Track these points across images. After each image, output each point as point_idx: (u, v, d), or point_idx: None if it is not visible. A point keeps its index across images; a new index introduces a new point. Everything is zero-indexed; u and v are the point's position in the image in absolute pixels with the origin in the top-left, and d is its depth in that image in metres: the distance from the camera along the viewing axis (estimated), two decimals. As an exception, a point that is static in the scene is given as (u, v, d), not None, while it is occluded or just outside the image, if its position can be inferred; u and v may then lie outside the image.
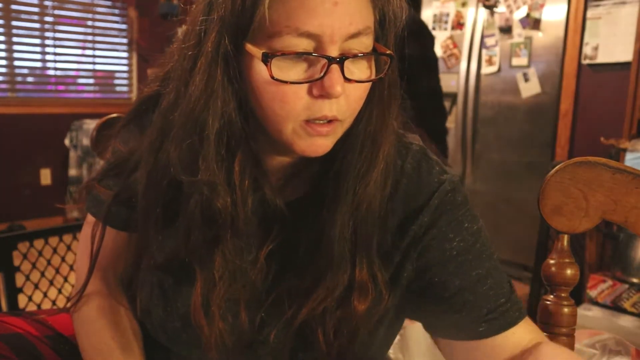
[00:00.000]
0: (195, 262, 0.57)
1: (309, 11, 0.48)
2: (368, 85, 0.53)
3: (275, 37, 0.48)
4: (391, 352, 0.76)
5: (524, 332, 0.57)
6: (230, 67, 0.51)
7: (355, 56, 0.50)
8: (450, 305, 0.57)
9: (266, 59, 0.48)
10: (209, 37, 0.50)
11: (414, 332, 0.83)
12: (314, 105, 0.51)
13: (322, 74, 0.49)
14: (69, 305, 0.70)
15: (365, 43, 0.51)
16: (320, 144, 0.53)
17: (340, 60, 0.49)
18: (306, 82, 0.50)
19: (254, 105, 0.53)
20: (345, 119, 0.53)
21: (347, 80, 0.50)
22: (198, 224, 0.55)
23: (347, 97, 0.51)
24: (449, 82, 3.14)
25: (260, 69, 0.50)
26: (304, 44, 0.49)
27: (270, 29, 0.48)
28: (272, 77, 0.49)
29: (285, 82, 0.49)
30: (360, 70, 0.52)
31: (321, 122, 0.51)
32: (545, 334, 0.58)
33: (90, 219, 0.71)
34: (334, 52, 0.49)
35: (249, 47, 0.50)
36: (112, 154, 0.68)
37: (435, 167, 0.60)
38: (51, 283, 1.17)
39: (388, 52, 0.53)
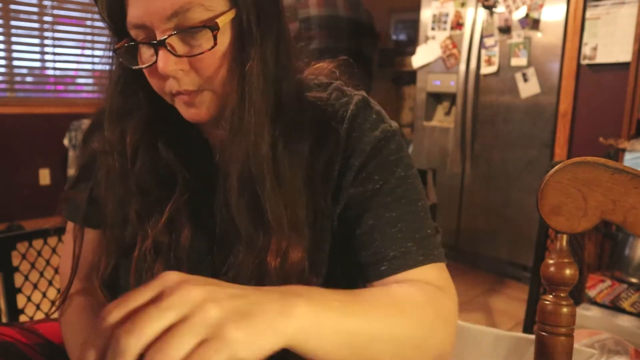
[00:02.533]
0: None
1: (132, 5, 0.55)
2: (215, 52, 0.55)
3: (129, 32, 0.57)
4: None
5: (428, 277, 0.58)
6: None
7: (173, 34, 0.54)
8: (361, 242, 0.60)
9: (114, 52, 0.59)
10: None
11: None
12: (169, 82, 0.57)
13: (155, 57, 0.55)
14: (52, 311, 0.71)
15: (194, 17, 0.54)
16: (194, 112, 0.59)
17: (160, 43, 0.54)
18: (148, 67, 0.56)
19: None
20: (209, 87, 0.57)
21: (179, 56, 0.55)
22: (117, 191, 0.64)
23: (196, 69, 0.56)
24: (448, 82, 3.14)
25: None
26: (140, 34, 0.56)
27: (125, 27, 0.56)
28: (128, 65, 0.58)
29: (137, 67, 0.58)
30: (197, 42, 0.55)
31: (183, 94, 0.57)
32: (544, 333, 0.58)
33: (69, 226, 0.72)
34: (159, 35, 0.54)
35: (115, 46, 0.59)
36: (76, 158, 0.71)
37: (373, 115, 0.63)
38: (50, 283, 1.16)
39: (209, 24, 0.54)
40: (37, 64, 3.56)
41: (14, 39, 3.41)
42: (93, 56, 3.79)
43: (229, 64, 0.56)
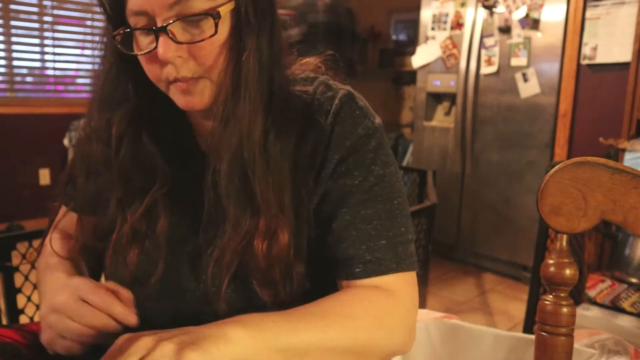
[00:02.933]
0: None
1: None
2: (214, 41, 0.57)
3: (128, 19, 0.58)
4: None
5: (394, 285, 0.61)
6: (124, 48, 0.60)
7: (175, 21, 0.55)
8: (337, 236, 0.62)
9: (114, 38, 0.59)
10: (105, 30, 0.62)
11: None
12: (166, 69, 0.58)
13: (155, 43, 0.56)
14: (35, 260, 0.76)
15: (196, 6, 0.56)
16: (190, 100, 0.60)
17: (161, 29, 0.55)
18: (146, 53, 0.57)
19: None
20: (206, 75, 0.58)
21: (179, 43, 0.56)
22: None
23: (195, 57, 0.57)
24: (448, 82, 3.14)
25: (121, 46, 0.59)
26: (140, 21, 0.57)
27: (124, 14, 0.57)
28: (125, 52, 0.59)
29: (135, 54, 0.59)
30: (198, 31, 0.57)
31: (180, 81, 0.58)
32: (544, 333, 0.58)
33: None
34: (160, 22, 0.56)
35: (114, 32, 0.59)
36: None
37: (356, 111, 0.64)
38: (50, 283, 1.16)
39: (212, 12, 0.56)
40: (37, 64, 3.56)
41: (14, 39, 3.41)
42: (93, 56, 3.77)
43: (226, 53, 0.58)
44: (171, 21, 0.55)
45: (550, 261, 0.58)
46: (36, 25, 3.49)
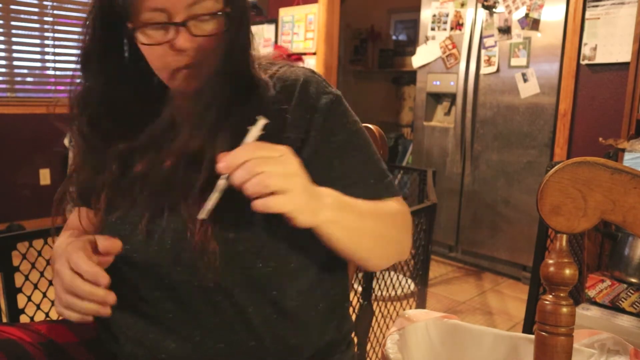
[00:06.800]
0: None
1: None
2: (218, 37, 0.69)
3: (140, 14, 0.66)
4: (391, 352, 0.76)
5: (396, 202, 0.77)
6: (112, 39, 0.72)
7: (194, 18, 0.67)
8: (343, 182, 0.73)
9: (132, 31, 0.67)
10: (94, 22, 0.72)
11: (414, 332, 0.84)
12: (179, 57, 0.68)
13: (174, 36, 0.67)
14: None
15: (206, 6, 0.67)
16: (191, 83, 0.70)
17: (184, 23, 0.66)
18: (164, 44, 0.67)
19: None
20: (202, 62, 0.69)
21: (195, 36, 0.67)
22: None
23: (199, 47, 0.68)
24: (448, 83, 3.14)
25: (137, 38, 0.68)
26: (158, 16, 0.66)
27: (137, 8, 0.66)
28: (141, 43, 0.68)
29: (149, 44, 0.68)
30: (207, 26, 0.68)
31: (187, 68, 0.69)
32: (543, 333, 0.58)
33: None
34: (180, 18, 0.66)
35: (129, 24, 0.67)
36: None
37: (322, 82, 0.77)
38: (50, 283, 1.16)
39: (223, 10, 0.68)
40: (37, 64, 3.56)
41: (14, 39, 3.41)
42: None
43: (219, 45, 0.69)
44: (192, 16, 0.66)
45: (550, 261, 0.58)
46: (36, 25, 3.49)
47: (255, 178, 0.56)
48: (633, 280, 1.56)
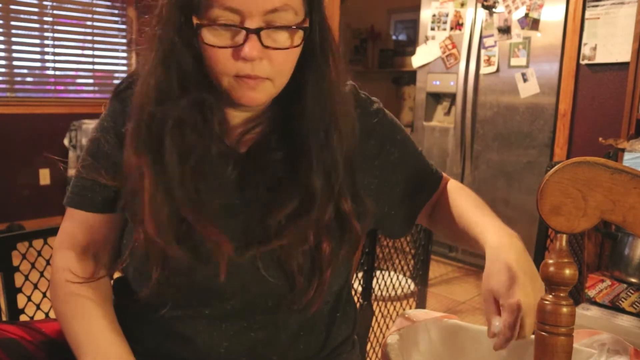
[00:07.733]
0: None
1: None
2: (291, 51, 0.64)
3: (209, 10, 0.61)
4: (391, 352, 0.76)
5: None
6: (184, 34, 0.63)
7: (269, 28, 0.61)
8: (406, 180, 0.82)
9: (198, 28, 0.62)
10: (167, 14, 0.64)
11: (414, 332, 0.83)
12: (240, 65, 0.62)
13: (243, 41, 0.61)
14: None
15: (286, 17, 0.62)
16: (251, 96, 0.65)
17: (256, 31, 0.61)
18: (229, 47, 0.62)
19: (206, 64, 0.65)
20: (273, 78, 0.65)
21: (265, 47, 0.62)
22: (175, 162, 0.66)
23: (271, 60, 0.63)
24: (448, 82, 3.14)
25: (201, 36, 0.62)
26: (231, 16, 0.61)
27: (206, 3, 0.60)
28: (203, 42, 0.62)
29: (213, 46, 0.62)
30: (281, 39, 0.63)
31: (250, 78, 0.63)
32: (543, 333, 0.58)
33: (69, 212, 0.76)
34: (253, 24, 0.61)
35: (194, 18, 0.62)
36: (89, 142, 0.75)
37: (367, 97, 0.83)
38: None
39: (300, 26, 0.64)
40: (37, 64, 3.56)
41: (14, 39, 3.41)
42: (93, 56, 3.79)
43: (294, 63, 0.66)
44: (266, 25, 0.61)
45: (550, 261, 0.58)
46: (36, 25, 3.49)
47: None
48: (633, 280, 1.56)
